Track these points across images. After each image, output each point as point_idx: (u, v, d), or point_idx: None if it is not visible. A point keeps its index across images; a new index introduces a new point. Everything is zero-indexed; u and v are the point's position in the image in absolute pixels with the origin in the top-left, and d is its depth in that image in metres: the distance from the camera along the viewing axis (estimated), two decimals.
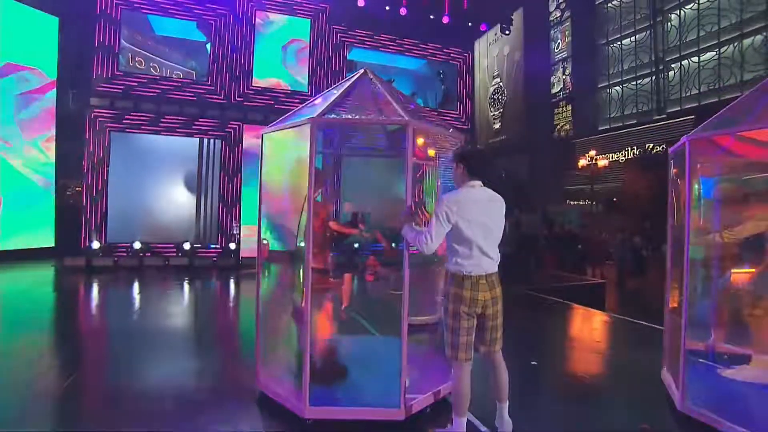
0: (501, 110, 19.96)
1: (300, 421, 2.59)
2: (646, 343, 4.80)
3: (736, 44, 13.96)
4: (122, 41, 10.69)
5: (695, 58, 15.17)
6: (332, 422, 2.60)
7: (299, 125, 2.83)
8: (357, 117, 2.85)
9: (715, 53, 14.59)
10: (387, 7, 11.25)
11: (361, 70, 3.24)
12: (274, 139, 3.20)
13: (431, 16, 11.58)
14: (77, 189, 11.08)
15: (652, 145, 15.72)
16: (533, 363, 3.83)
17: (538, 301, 6.68)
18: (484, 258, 2.37)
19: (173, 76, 11.15)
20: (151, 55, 11.12)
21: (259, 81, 11.35)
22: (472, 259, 2.36)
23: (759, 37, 13.39)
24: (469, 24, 11.95)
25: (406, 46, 12.17)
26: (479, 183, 2.46)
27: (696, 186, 3.00)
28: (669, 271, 3.25)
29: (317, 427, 2.58)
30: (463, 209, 2.34)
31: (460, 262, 2.36)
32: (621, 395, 3.36)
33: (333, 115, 2.80)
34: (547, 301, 6.71)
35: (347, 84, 3.12)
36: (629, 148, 16.83)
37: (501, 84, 19.97)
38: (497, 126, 20.02)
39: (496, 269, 2.43)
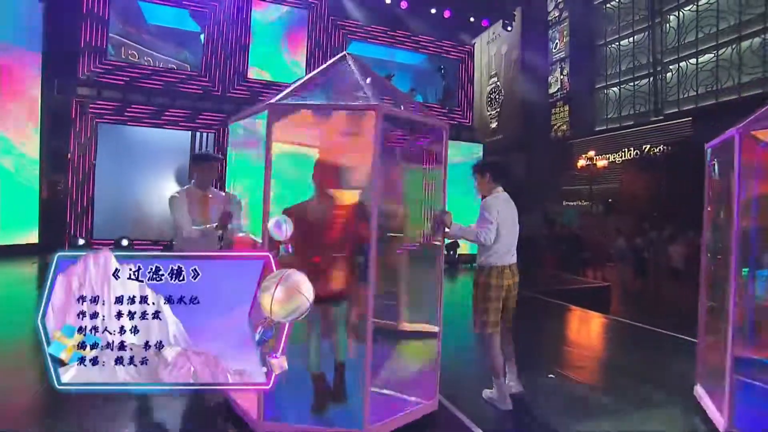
0: (498, 110, 19.84)
1: None
2: (666, 352, 4.60)
3: (734, 46, 13.95)
4: (113, 34, 10.29)
5: (693, 60, 15.15)
6: None
7: (257, 111, 2.62)
8: (320, 102, 2.67)
9: (713, 55, 14.58)
10: (387, 0, 10.97)
11: (342, 54, 2.98)
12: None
13: (432, 10, 11.34)
14: (61, 183, 10.63)
15: (649, 146, 15.68)
16: (550, 376, 3.60)
17: (543, 304, 6.46)
18: (510, 251, 2.97)
19: (163, 66, 10.74)
20: (144, 48, 10.69)
21: (253, 73, 11.02)
22: (500, 253, 2.91)
23: (757, 40, 13.38)
24: (471, 19, 11.74)
25: (406, 41, 11.91)
26: (501, 188, 3.02)
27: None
28: (704, 276, 3.02)
29: None
30: (501, 212, 2.89)
31: (491, 255, 2.90)
32: (652, 415, 3.03)
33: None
34: (553, 305, 6.51)
35: (323, 67, 2.94)
36: (626, 149, 16.79)
37: (498, 83, 19.84)
38: (494, 125, 19.89)
39: (515, 260, 3.03)
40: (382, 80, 3.20)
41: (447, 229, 2.84)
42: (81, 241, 9.48)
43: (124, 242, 9.76)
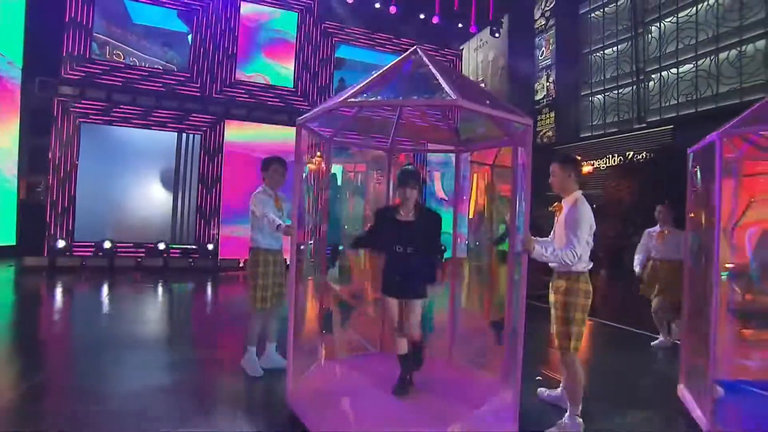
0: None
1: None
2: (648, 353, 4.71)
3: (712, 57, 14.39)
4: (98, 33, 10.11)
5: (674, 70, 15.58)
6: None
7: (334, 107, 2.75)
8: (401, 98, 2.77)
9: (692, 66, 15.01)
10: (377, 5, 11.03)
11: (413, 47, 3.07)
12: None
13: (421, 16, 11.44)
14: (41, 184, 10.36)
15: (632, 153, 16.03)
16: (538, 378, 3.64)
17: (531, 308, 6.53)
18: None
19: (149, 66, 10.59)
20: (130, 49, 10.54)
21: (242, 75, 10.94)
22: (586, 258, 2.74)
23: (734, 52, 13.83)
24: (459, 25, 11.88)
25: (395, 45, 11.99)
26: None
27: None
28: (687, 278, 3.10)
29: None
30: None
31: (585, 260, 2.72)
32: (637, 415, 3.07)
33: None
34: (539, 309, 6.58)
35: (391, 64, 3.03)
36: (610, 155, 17.12)
37: (486, 89, 20.08)
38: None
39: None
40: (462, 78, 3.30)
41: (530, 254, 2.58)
42: (61, 243, 9.26)
43: (107, 244, 9.55)
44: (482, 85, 20.15)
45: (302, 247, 3.79)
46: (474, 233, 4.44)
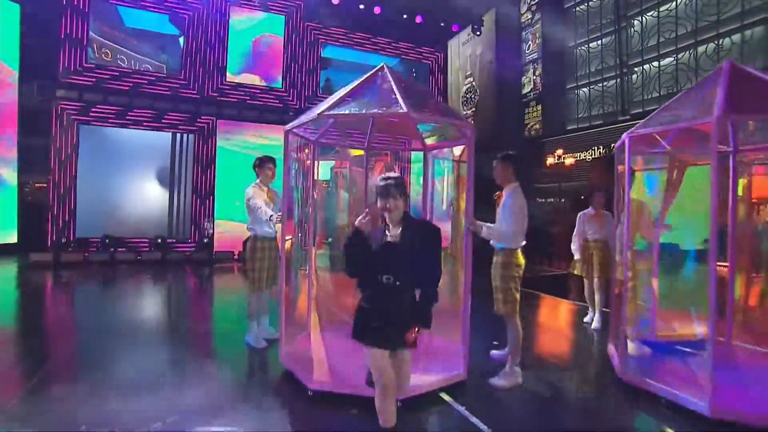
0: (474, 109, 20.41)
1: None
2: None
3: (691, 51, 14.77)
4: (94, 34, 10.42)
5: (656, 63, 15.94)
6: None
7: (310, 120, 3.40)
8: (363, 111, 3.29)
9: (673, 59, 15.39)
10: (361, 6, 11.39)
11: (381, 65, 3.65)
12: None
13: (404, 15, 11.80)
14: (42, 184, 10.78)
15: (615, 145, 16.49)
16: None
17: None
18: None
19: (142, 68, 10.98)
20: (119, 47, 10.92)
21: (232, 76, 11.32)
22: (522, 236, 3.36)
23: (711, 45, 14.21)
24: (441, 24, 12.23)
25: (379, 45, 12.37)
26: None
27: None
28: (621, 261, 3.64)
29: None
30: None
31: (519, 241, 3.34)
32: (571, 367, 3.97)
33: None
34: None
35: (362, 79, 3.57)
36: (595, 148, 17.55)
37: (474, 83, 20.40)
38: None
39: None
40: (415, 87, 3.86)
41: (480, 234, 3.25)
42: (64, 240, 9.72)
43: (108, 240, 10.03)
44: (470, 79, 20.49)
45: (292, 239, 4.27)
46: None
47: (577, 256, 5.22)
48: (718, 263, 2.83)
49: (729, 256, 3.79)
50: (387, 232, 2.30)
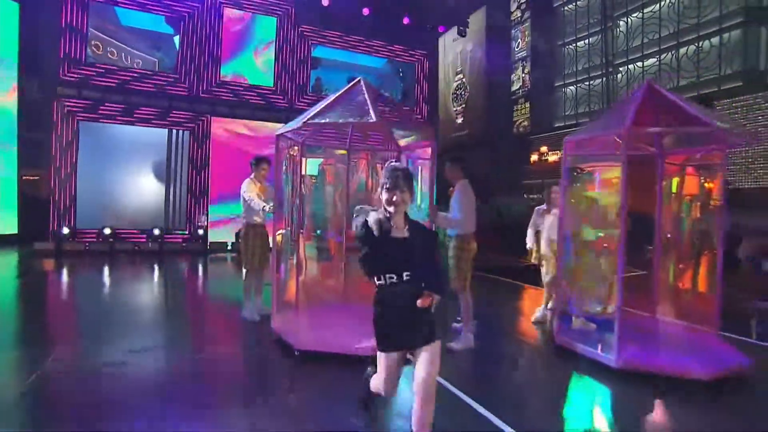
0: (464, 105, 20.84)
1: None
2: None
3: (673, 52, 15.24)
4: (93, 29, 10.77)
5: (639, 63, 16.41)
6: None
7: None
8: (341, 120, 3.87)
9: (656, 60, 15.85)
10: (351, 8, 11.79)
11: (357, 79, 4.27)
12: None
13: (392, 17, 12.22)
14: (42, 177, 11.20)
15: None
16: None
17: (483, 279, 7.88)
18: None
19: (135, 64, 11.32)
20: (113, 40, 11.25)
21: (226, 75, 11.73)
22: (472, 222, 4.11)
23: (692, 47, 14.68)
24: (428, 26, 12.66)
25: (369, 46, 12.80)
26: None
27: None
28: (560, 249, 4.20)
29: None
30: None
31: (468, 227, 4.06)
32: (523, 337, 4.69)
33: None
34: (486, 279, 8.00)
35: (341, 92, 4.18)
36: None
37: (464, 80, 20.81)
38: (460, 121, 20.91)
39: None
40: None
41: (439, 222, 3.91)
42: (66, 230, 10.18)
43: (107, 231, 10.51)
44: (460, 75, 20.92)
45: (284, 231, 4.87)
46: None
47: (529, 246, 5.70)
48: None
49: (655, 245, 4.34)
50: (393, 227, 2.08)
